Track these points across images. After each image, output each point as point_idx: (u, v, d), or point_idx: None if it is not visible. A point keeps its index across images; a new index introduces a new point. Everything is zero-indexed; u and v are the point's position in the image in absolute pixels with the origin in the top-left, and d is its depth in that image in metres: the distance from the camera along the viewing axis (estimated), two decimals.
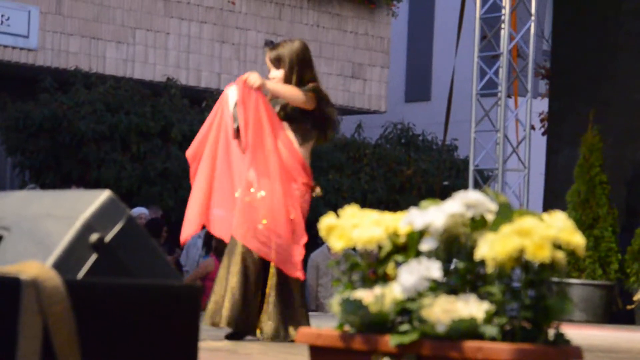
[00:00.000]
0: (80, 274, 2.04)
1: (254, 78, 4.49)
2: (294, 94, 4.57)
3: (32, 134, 10.65)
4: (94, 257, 2.06)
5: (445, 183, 12.01)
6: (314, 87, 4.62)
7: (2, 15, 11.33)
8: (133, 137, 10.75)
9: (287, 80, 4.65)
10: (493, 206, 2.02)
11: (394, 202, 11.85)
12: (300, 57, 4.67)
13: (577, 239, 1.94)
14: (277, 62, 4.68)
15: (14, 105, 10.75)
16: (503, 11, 9.03)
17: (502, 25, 9.00)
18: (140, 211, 9.74)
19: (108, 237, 2.08)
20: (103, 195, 2.12)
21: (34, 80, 11.06)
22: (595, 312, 8.19)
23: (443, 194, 10.59)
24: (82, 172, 10.64)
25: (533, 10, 9.25)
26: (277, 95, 4.62)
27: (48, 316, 1.86)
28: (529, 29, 9.22)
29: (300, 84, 4.65)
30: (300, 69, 4.66)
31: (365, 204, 11.19)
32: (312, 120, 4.66)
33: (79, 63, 11.64)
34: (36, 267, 1.91)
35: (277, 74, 4.66)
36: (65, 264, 2.02)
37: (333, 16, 13.53)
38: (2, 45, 11.34)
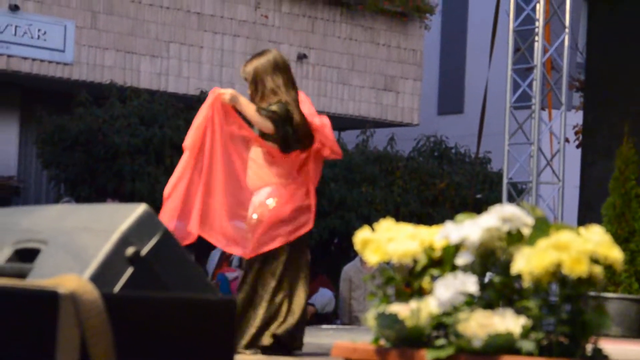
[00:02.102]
0: (117, 287, 2.05)
1: (228, 95, 4.73)
2: (254, 118, 4.75)
3: (68, 147, 10.75)
4: (130, 270, 2.07)
5: (479, 196, 11.97)
6: (272, 110, 4.76)
7: (39, 30, 11.48)
8: (167, 150, 10.80)
9: (252, 96, 4.86)
10: (529, 220, 2.01)
11: (426, 215, 11.82)
12: (261, 72, 4.83)
13: (615, 254, 1.93)
14: (247, 79, 4.91)
15: (50, 119, 10.86)
16: (537, 23, 9.03)
17: (536, 38, 9.00)
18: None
19: (144, 251, 2.08)
20: (139, 209, 2.12)
21: (69, 94, 11.17)
22: (631, 327, 8.12)
23: (476, 207, 10.51)
24: (116, 185, 10.71)
25: (567, 23, 9.25)
26: (245, 115, 4.80)
27: (85, 329, 1.86)
28: (562, 41, 9.22)
29: (262, 99, 4.83)
30: (261, 85, 4.83)
31: (398, 216, 11.18)
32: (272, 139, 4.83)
33: (114, 77, 11.77)
34: (74, 280, 1.92)
35: (249, 89, 4.89)
36: (101, 277, 2.03)
37: (366, 29, 13.58)
38: (39, 59, 11.48)
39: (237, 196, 4.83)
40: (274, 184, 4.81)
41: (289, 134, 4.81)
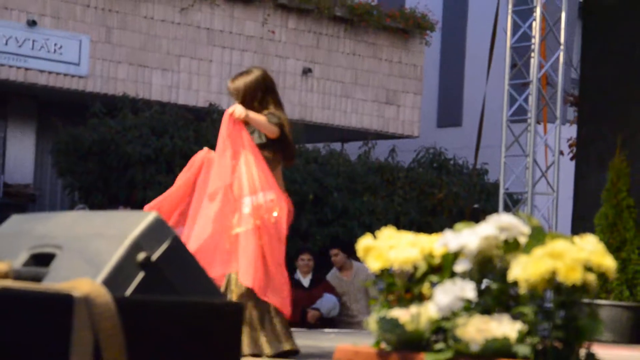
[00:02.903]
0: (129, 291, 2.06)
1: (239, 110, 4.80)
2: (265, 125, 4.85)
3: (82, 156, 10.78)
4: (141, 275, 2.08)
5: (476, 206, 11.96)
6: (276, 115, 4.90)
7: (55, 44, 11.56)
8: (177, 160, 10.79)
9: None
10: (526, 229, 2.02)
11: (426, 223, 11.86)
12: (252, 89, 4.92)
13: (608, 262, 1.95)
14: (235, 95, 4.99)
15: (65, 130, 10.89)
16: (533, 40, 9.11)
17: (532, 54, 9.08)
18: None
19: (155, 256, 2.10)
20: (150, 216, 2.14)
21: (84, 105, 11.23)
22: (623, 333, 8.21)
23: (473, 217, 10.77)
24: (128, 193, 10.75)
25: (562, 40, 9.35)
26: (254, 125, 4.88)
27: (99, 332, 1.86)
28: (558, 57, 9.31)
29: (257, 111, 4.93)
30: (251, 99, 4.92)
31: (398, 225, 11.22)
32: (274, 147, 4.94)
33: (127, 89, 11.83)
34: (88, 284, 1.92)
35: (236, 104, 4.93)
36: (114, 281, 2.04)
37: (369, 45, 13.66)
38: (55, 72, 11.55)
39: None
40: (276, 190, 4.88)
41: (289, 140, 5.00)
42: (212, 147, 13.14)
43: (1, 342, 1.80)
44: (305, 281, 9.24)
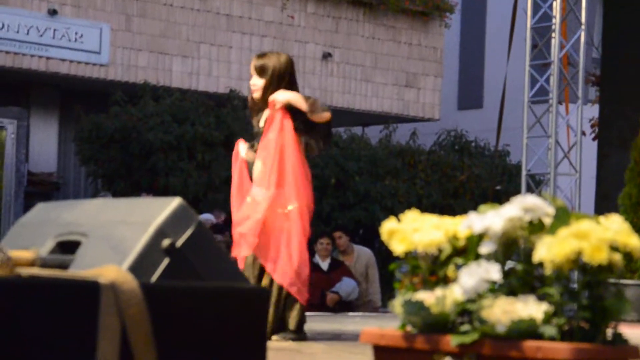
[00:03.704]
0: (154, 278, 2.06)
1: (281, 97, 4.69)
2: (319, 108, 4.75)
3: (104, 144, 10.86)
4: (166, 261, 2.08)
5: (498, 188, 11.97)
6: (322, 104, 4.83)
7: (76, 33, 11.62)
8: (198, 146, 10.88)
9: (265, 90, 4.80)
10: (550, 210, 2.01)
11: (448, 206, 11.89)
12: (282, 71, 4.80)
13: (634, 241, 1.94)
14: (261, 72, 4.81)
15: (87, 118, 10.97)
16: (553, 20, 9.08)
17: (553, 35, 9.04)
18: (206, 217, 9.77)
19: (179, 242, 2.10)
20: (174, 203, 2.14)
21: (105, 93, 11.31)
22: None
23: (496, 199, 10.71)
24: (151, 180, 10.81)
25: (583, 20, 9.29)
26: (300, 107, 4.72)
27: (125, 318, 1.87)
28: (579, 37, 9.26)
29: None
30: (280, 81, 4.79)
31: (420, 208, 11.16)
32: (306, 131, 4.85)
33: (147, 77, 11.88)
34: (114, 271, 1.93)
35: (258, 82, 4.79)
36: (139, 268, 2.04)
37: (388, 28, 13.65)
38: (76, 61, 11.61)
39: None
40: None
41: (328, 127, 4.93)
42: (232, 133, 13.16)
43: (29, 329, 1.81)
44: (324, 265, 9.32)
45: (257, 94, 4.85)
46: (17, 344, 1.80)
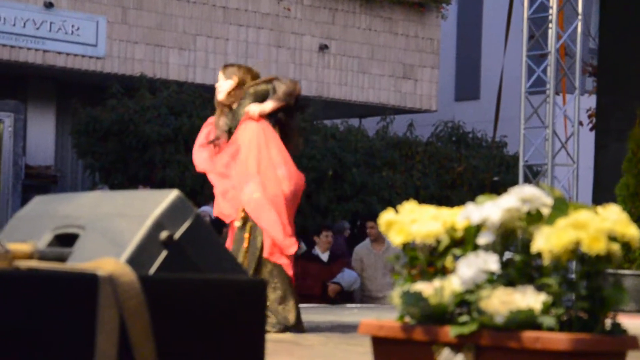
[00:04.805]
0: (152, 270, 2.06)
1: (252, 110, 5.13)
2: (281, 97, 5.15)
3: (101, 137, 10.86)
4: (164, 253, 2.08)
5: (496, 178, 12.00)
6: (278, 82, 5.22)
7: (72, 26, 11.62)
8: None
9: (235, 89, 5.30)
10: (548, 200, 2.01)
11: (445, 197, 11.91)
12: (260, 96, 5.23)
13: (632, 231, 1.94)
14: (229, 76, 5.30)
15: (84, 111, 10.97)
16: (550, 11, 9.07)
17: (550, 25, 9.03)
18: (204, 210, 9.78)
19: (177, 235, 2.10)
20: (172, 195, 2.13)
21: (102, 86, 11.31)
22: None
23: (493, 190, 10.77)
24: (148, 173, 10.82)
25: (580, 10, 9.29)
26: (278, 108, 5.15)
27: (124, 310, 1.87)
28: (575, 27, 9.26)
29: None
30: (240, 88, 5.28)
31: (417, 199, 11.17)
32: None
33: (144, 69, 11.89)
34: (112, 263, 1.93)
35: (226, 83, 5.29)
36: (137, 260, 2.04)
37: (384, 20, 13.65)
38: (73, 54, 11.62)
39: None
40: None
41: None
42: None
43: (28, 322, 1.82)
44: (324, 256, 9.41)
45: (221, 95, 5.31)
46: (15, 337, 1.80)
